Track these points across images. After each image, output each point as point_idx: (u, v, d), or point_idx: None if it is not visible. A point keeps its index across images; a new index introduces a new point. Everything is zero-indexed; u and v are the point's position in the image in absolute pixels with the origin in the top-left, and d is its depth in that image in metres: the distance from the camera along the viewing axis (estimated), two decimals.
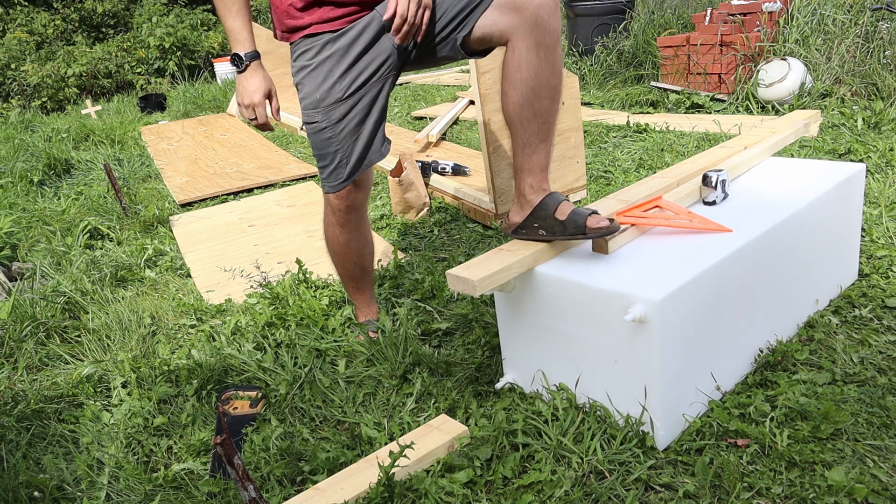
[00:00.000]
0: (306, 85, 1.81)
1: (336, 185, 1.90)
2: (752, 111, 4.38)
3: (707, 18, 4.93)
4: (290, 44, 1.83)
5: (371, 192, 3.83)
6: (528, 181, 1.74)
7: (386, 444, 1.68)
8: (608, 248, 1.65)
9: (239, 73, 1.75)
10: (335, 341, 2.17)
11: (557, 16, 1.65)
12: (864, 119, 3.68)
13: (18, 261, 3.38)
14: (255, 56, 1.76)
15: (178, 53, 10.39)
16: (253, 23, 1.88)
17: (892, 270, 2.17)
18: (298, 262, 2.60)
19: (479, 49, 1.78)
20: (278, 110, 1.87)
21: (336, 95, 1.79)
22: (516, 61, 1.66)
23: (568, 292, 1.57)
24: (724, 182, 1.88)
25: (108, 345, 2.38)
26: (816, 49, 4.43)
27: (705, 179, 1.89)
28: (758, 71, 4.43)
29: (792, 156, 3.30)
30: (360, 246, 2.06)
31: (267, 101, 1.81)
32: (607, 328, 1.52)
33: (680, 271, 1.51)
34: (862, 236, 2.38)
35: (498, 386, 1.82)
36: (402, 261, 2.75)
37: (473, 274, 1.55)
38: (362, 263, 2.10)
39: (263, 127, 1.83)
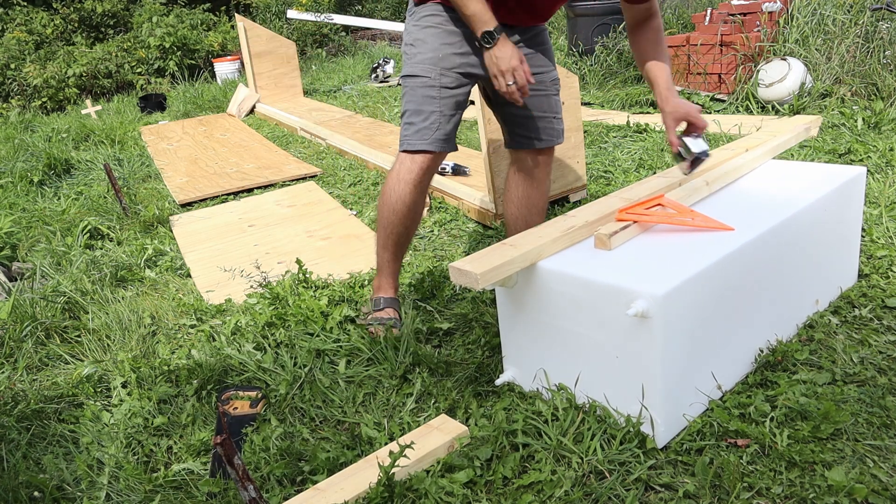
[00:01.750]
0: (427, 42, 1.96)
1: (418, 142, 1.99)
2: (752, 111, 4.38)
3: (707, 18, 4.93)
4: (418, 5, 1.98)
5: (371, 192, 3.83)
6: None
7: (386, 444, 1.68)
8: (611, 244, 1.65)
9: (490, 48, 1.85)
10: (336, 341, 2.17)
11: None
12: (864, 119, 3.68)
13: (18, 261, 3.37)
14: (502, 29, 1.85)
15: (178, 53, 10.38)
16: (252, 22, 1.94)
17: (892, 270, 2.17)
18: (298, 262, 2.60)
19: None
20: (531, 74, 1.93)
21: (454, 63, 1.96)
22: (514, 183, 2.23)
23: (570, 287, 1.58)
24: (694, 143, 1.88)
25: (108, 345, 2.38)
26: (816, 49, 4.43)
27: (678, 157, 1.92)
28: (758, 71, 4.43)
29: (792, 156, 3.30)
30: (419, 210, 2.10)
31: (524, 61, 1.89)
32: (609, 324, 1.52)
33: (682, 267, 1.51)
34: (862, 236, 2.39)
35: (498, 382, 1.82)
36: (403, 260, 2.74)
37: (476, 267, 1.55)
38: (411, 230, 2.13)
39: (522, 90, 1.88)
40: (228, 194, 4.27)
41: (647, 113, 4.89)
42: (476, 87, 2.19)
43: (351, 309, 2.34)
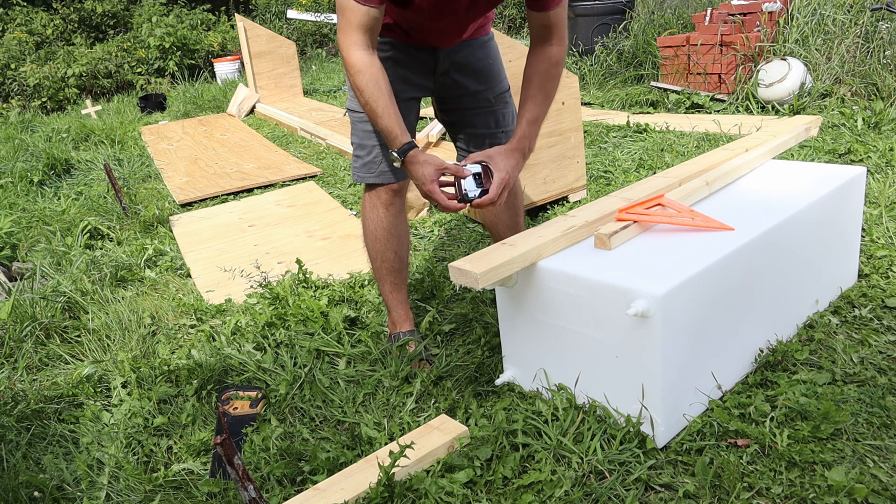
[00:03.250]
0: None
1: (366, 175, 1.95)
2: (752, 111, 4.38)
3: (707, 18, 4.93)
4: None
5: None
6: None
7: (386, 444, 1.68)
8: (611, 243, 1.65)
9: (398, 166, 1.72)
10: (338, 342, 2.17)
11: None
12: (864, 119, 3.67)
13: (18, 261, 3.37)
14: (409, 148, 1.68)
15: (178, 53, 10.38)
16: (252, 22, 1.89)
17: (892, 270, 2.17)
18: (298, 262, 2.60)
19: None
20: (456, 169, 1.68)
21: None
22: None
23: (570, 287, 1.57)
24: (477, 175, 1.70)
25: (108, 345, 2.38)
26: (816, 49, 4.43)
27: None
28: (758, 71, 4.43)
29: (792, 156, 3.30)
30: (401, 232, 2.02)
31: (436, 182, 1.66)
32: (609, 323, 1.52)
33: (682, 267, 1.51)
34: (862, 236, 2.38)
35: (498, 382, 1.82)
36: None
37: (476, 267, 1.55)
38: (402, 254, 2.04)
39: (447, 208, 1.67)
40: (228, 194, 4.27)
41: (647, 113, 4.89)
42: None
43: (351, 309, 2.34)
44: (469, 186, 1.69)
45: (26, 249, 3.53)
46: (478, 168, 1.70)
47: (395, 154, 1.69)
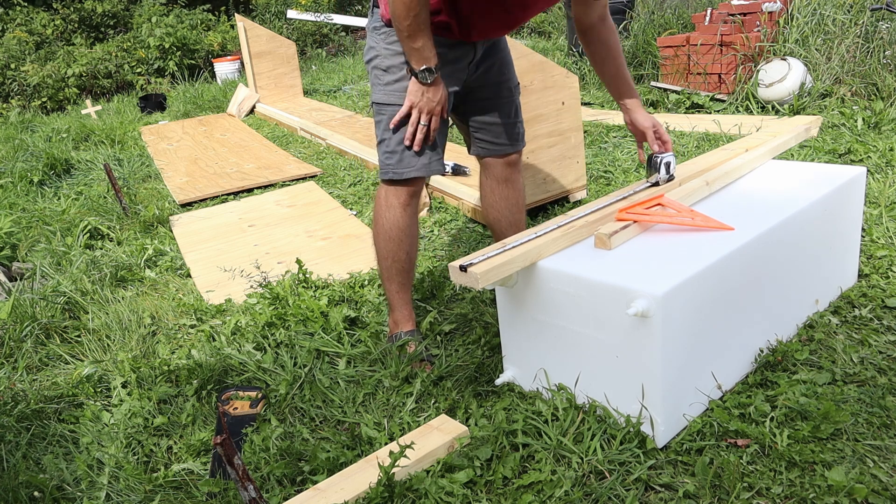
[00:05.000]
0: (402, 69, 1.88)
1: (406, 170, 1.93)
2: (752, 111, 4.38)
3: (707, 18, 4.93)
4: (388, 25, 1.89)
5: (371, 192, 3.83)
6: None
7: (386, 444, 1.68)
8: (611, 243, 1.65)
9: (424, 84, 1.81)
10: (338, 342, 2.17)
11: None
12: (864, 119, 3.67)
13: (18, 261, 3.37)
14: (440, 67, 1.82)
15: (178, 53, 10.38)
16: (252, 22, 1.90)
17: (891, 270, 2.17)
18: (298, 262, 2.60)
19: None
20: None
21: None
22: (489, 188, 2.20)
23: (570, 286, 1.58)
24: (668, 164, 1.97)
25: (108, 345, 2.38)
26: (816, 49, 4.43)
27: (651, 161, 2.00)
28: (758, 71, 4.43)
29: (792, 156, 3.30)
30: (414, 233, 2.01)
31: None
32: (609, 323, 1.52)
33: (682, 267, 1.51)
34: (862, 236, 2.38)
35: (498, 382, 1.82)
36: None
37: (476, 266, 1.55)
38: (412, 255, 2.03)
39: (428, 135, 1.86)
40: (228, 194, 4.27)
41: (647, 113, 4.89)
42: None
43: (351, 309, 2.34)
44: (663, 175, 1.98)
45: (26, 249, 3.53)
46: (672, 158, 1.99)
47: (433, 69, 1.78)
